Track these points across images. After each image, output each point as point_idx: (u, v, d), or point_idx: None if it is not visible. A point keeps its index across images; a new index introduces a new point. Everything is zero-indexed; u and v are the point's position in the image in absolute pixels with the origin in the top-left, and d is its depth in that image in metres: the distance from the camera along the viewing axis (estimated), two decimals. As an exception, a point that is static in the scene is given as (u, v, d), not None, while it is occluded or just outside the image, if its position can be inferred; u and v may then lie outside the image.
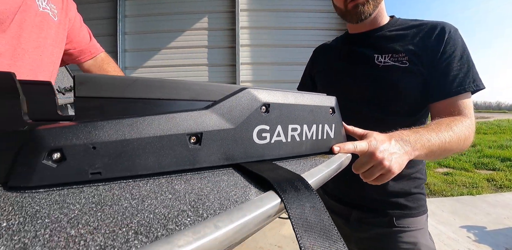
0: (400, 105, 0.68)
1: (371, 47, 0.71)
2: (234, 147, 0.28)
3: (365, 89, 0.71)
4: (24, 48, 0.60)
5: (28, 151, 0.19)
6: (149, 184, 0.22)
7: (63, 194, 0.19)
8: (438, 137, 0.53)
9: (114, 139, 0.21)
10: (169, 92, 0.26)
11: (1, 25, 0.54)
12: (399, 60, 0.66)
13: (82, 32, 0.84)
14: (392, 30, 0.71)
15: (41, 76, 0.65)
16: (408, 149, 0.49)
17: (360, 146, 0.43)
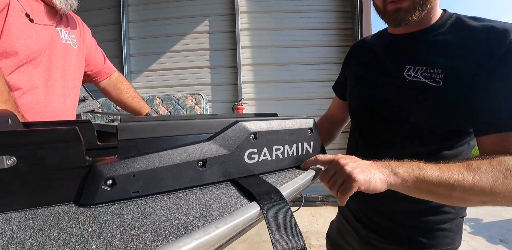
0: (423, 128, 0.56)
1: (406, 55, 0.59)
2: (230, 167, 0.38)
3: (386, 104, 0.61)
4: (54, 79, 0.70)
5: (92, 180, 0.29)
6: (171, 198, 0.32)
7: (116, 207, 0.30)
8: (439, 169, 0.43)
9: (146, 168, 0.31)
10: (182, 130, 0.36)
11: (35, 62, 0.65)
12: (431, 77, 0.53)
13: (97, 55, 0.94)
14: (438, 33, 0.56)
15: (68, 99, 0.75)
16: (385, 170, 0.43)
17: (322, 156, 0.45)
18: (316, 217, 2.35)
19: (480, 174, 0.42)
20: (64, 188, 0.30)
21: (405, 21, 0.55)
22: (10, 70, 0.60)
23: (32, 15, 0.65)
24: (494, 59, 0.47)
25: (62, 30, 0.76)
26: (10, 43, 0.59)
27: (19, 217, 0.27)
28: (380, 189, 0.42)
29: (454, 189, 0.41)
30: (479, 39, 0.49)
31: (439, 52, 0.54)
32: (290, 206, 0.33)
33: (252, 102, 2.53)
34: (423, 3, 0.53)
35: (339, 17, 2.49)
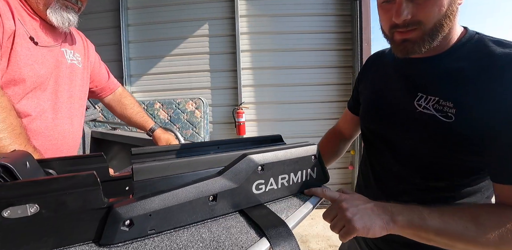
0: (431, 164, 0.53)
1: (418, 82, 0.54)
2: (238, 199, 0.40)
3: (395, 135, 0.58)
4: (61, 101, 0.71)
5: (111, 222, 0.31)
6: (185, 234, 0.34)
7: (135, 247, 0.31)
8: (442, 220, 0.41)
9: (161, 207, 0.33)
10: (193, 167, 0.37)
11: (42, 86, 0.66)
12: (443, 111, 0.48)
13: (101, 71, 0.95)
14: (455, 59, 0.50)
15: (75, 119, 0.76)
16: (385, 217, 0.42)
17: (329, 192, 0.46)
18: (315, 220, 2.38)
19: (485, 229, 0.40)
20: (84, 229, 0.32)
21: (413, 52, 0.50)
22: (19, 97, 0.61)
23: (36, 37, 0.66)
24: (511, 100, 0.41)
25: (67, 50, 0.76)
26: (17, 70, 0.60)
27: (44, 260, 0.29)
28: (378, 235, 0.42)
29: (456, 241, 0.41)
30: (501, 72, 0.43)
31: (454, 83, 0.48)
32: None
33: (252, 106, 2.54)
34: (434, 34, 0.48)
35: (338, 21, 2.50)
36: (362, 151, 0.76)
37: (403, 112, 0.55)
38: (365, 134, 0.71)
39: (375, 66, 0.70)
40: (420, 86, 0.53)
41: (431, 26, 0.47)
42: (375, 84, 0.67)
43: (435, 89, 0.51)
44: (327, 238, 2.14)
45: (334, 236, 2.14)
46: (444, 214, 0.42)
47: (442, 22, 0.47)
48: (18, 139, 0.52)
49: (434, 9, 0.45)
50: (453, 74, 0.49)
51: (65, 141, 0.72)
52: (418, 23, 0.47)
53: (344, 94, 2.55)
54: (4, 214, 0.28)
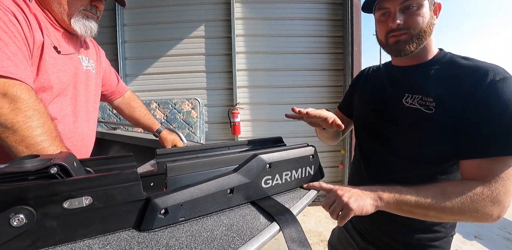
0: (418, 152, 0.64)
1: (405, 85, 0.68)
2: (250, 192, 0.47)
3: (387, 128, 0.70)
4: (80, 105, 0.76)
5: (150, 211, 0.38)
6: (209, 220, 0.41)
7: (170, 231, 0.38)
8: (417, 194, 0.52)
9: (190, 198, 0.40)
10: (213, 165, 0.44)
11: (64, 92, 0.71)
12: (425, 105, 0.61)
13: (111, 76, 1.00)
14: (433, 68, 0.64)
15: (91, 122, 0.81)
16: (372, 195, 0.53)
17: (325, 185, 0.55)
18: (308, 216, 2.48)
19: (450, 198, 0.51)
20: (126, 217, 0.38)
21: (404, 51, 0.64)
22: (47, 103, 0.66)
23: (59, 46, 0.70)
24: (477, 94, 0.54)
25: (83, 57, 0.81)
26: (46, 78, 0.65)
27: (96, 244, 0.35)
28: (370, 212, 0.53)
29: (429, 210, 0.52)
30: (466, 76, 0.57)
31: (433, 84, 0.62)
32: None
33: (247, 107, 2.61)
34: (419, 37, 0.63)
35: (330, 25, 2.59)
36: (353, 150, 0.86)
37: (394, 109, 0.69)
38: (358, 130, 0.82)
39: (369, 78, 0.84)
40: (407, 88, 0.67)
41: (417, 31, 0.63)
42: (368, 90, 0.80)
43: (418, 89, 0.64)
44: (318, 233, 2.24)
45: (325, 232, 2.24)
46: (419, 190, 0.54)
47: (424, 29, 0.63)
48: (55, 141, 0.57)
49: (419, 19, 0.62)
50: (432, 78, 0.63)
51: (83, 142, 0.77)
52: (407, 28, 0.63)
53: (335, 96, 2.65)
54: (65, 205, 0.34)
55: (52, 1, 0.70)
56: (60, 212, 0.33)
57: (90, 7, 0.75)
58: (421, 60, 0.68)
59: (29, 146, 0.55)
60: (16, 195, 0.32)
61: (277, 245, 2.07)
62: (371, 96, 0.77)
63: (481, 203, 0.50)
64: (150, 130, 1.06)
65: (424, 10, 0.62)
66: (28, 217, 0.32)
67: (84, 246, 0.35)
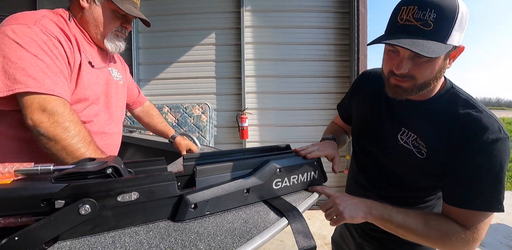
0: (407, 183, 0.69)
1: (405, 119, 0.67)
2: (263, 192, 0.55)
3: (379, 156, 0.73)
4: (110, 111, 0.87)
5: (184, 205, 0.46)
6: (230, 215, 0.50)
7: (198, 222, 0.47)
8: (403, 219, 0.59)
9: (215, 196, 0.49)
10: (233, 169, 0.53)
11: (97, 101, 0.81)
12: (418, 148, 0.63)
13: (134, 87, 1.11)
14: (433, 108, 0.63)
15: (119, 123, 0.92)
16: (365, 209, 0.60)
17: (327, 189, 0.63)
18: (312, 220, 2.54)
19: (430, 230, 0.58)
20: (163, 210, 0.47)
21: (401, 97, 0.62)
22: (81, 110, 0.76)
23: (93, 61, 0.80)
24: (468, 150, 0.55)
25: (113, 70, 0.92)
26: (83, 91, 0.75)
27: (141, 230, 0.44)
28: (359, 222, 0.61)
29: (409, 234, 0.60)
30: (461, 131, 0.57)
31: (429, 128, 0.62)
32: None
33: (255, 112, 2.70)
34: (421, 88, 0.59)
35: (337, 33, 2.67)
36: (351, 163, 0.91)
37: (389, 141, 0.69)
38: (354, 145, 0.86)
39: (368, 86, 0.80)
40: (404, 123, 0.67)
41: (421, 82, 0.58)
42: (367, 110, 0.78)
43: (415, 128, 0.64)
44: (323, 236, 2.30)
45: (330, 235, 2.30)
46: (406, 215, 0.60)
47: (430, 81, 0.59)
48: (90, 146, 0.67)
49: (427, 71, 0.56)
50: (429, 120, 0.63)
51: (113, 140, 0.88)
52: (412, 77, 0.58)
53: (341, 102, 2.71)
54: (118, 198, 0.43)
55: (90, 23, 0.81)
56: (114, 204, 0.42)
57: (121, 28, 0.86)
58: (423, 97, 0.64)
59: (69, 152, 0.65)
60: (84, 189, 0.41)
61: (282, 247, 2.14)
62: (369, 119, 0.76)
63: (454, 243, 0.57)
64: (165, 136, 1.16)
65: (438, 62, 0.56)
66: (92, 207, 0.41)
67: (132, 232, 0.43)
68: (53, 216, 0.39)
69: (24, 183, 0.42)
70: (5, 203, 0.39)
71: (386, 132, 0.70)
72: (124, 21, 0.86)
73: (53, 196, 0.40)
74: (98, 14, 0.81)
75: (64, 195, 0.40)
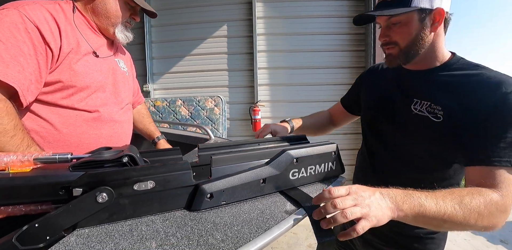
0: (423, 161, 0.67)
1: (415, 90, 0.69)
2: (280, 182, 0.54)
3: (393, 134, 0.72)
4: (119, 99, 0.87)
5: (199, 195, 0.46)
6: (246, 205, 0.49)
7: (215, 212, 0.46)
8: (436, 205, 0.48)
9: (230, 186, 0.48)
10: (249, 158, 0.52)
11: (102, 88, 0.81)
12: (434, 113, 0.62)
13: (135, 84, 1.11)
14: (443, 74, 0.65)
15: (129, 113, 0.93)
16: (392, 206, 0.46)
17: (338, 192, 0.43)
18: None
19: (469, 211, 0.49)
20: (179, 199, 0.46)
21: (393, 64, 0.69)
22: (84, 99, 0.75)
23: (98, 51, 0.81)
24: (486, 108, 0.56)
25: (120, 60, 0.92)
26: (82, 80, 0.74)
27: (157, 219, 0.44)
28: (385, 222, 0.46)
29: (446, 222, 0.49)
30: (477, 88, 0.58)
31: (442, 92, 0.63)
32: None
33: (267, 104, 2.68)
34: (407, 51, 0.65)
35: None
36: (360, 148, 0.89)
37: (402, 114, 0.70)
38: (366, 130, 0.85)
39: (375, 76, 0.86)
40: (416, 93, 0.69)
41: (404, 46, 0.65)
42: (377, 91, 0.81)
43: (427, 96, 0.66)
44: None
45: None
46: (437, 199, 0.49)
47: (414, 44, 0.64)
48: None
49: (404, 34, 0.64)
50: (442, 85, 0.64)
51: (123, 129, 0.88)
52: (395, 43, 0.66)
53: (356, 94, 2.64)
54: (135, 187, 0.43)
55: (101, 14, 0.81)
56: (131, 192, 0.42)
57: (129, 19, 0.87)
58: (430, 65, 0.68)
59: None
60: (101, 177, 0.41)
61: (295, 239, 2.14)
62: (379, 98, 0.78)
63: (496, 214, 0.50)
64: (151, 136, 1.15)
65: (412, 25, 0.62)
66: (109, 195, 0.41)
67: (148, 221, 0.43)
68: (71, 204, 0.39)
69: (43, 171, 0.43)
70: (25, 190, 0.39)
71: (399, 106, 0.71)
72: (133, 12, 0.87)
73: (71, 184, 0.40)
74: (111, 6, 0.81)
75: (82, 183, 0.40)
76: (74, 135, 0.72)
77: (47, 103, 0.70)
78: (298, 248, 2.06)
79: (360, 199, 0.44)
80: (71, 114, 0.73)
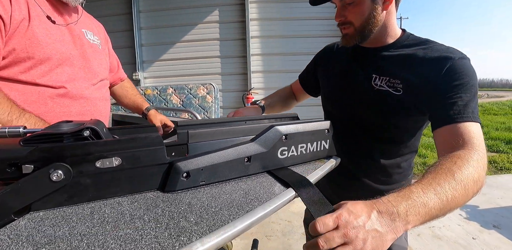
0: (388, 132, 0.71)
1: (373, 66, 0.72)
2: (267, 161, 0.49)
3: (358, 110, 0.74)
4: (89, 75, 0.79)
5: (174, 174, 0.40)
6: (228, 185, 0.43)
7: (192, 192, 0.41)
8: (438, 196, 0.42)
9: (210, 164, 0.42)
10: (232, 134, 0.46)
11: (68, 61, 0.73)
12: (394, 87, 0.66)
13: (113, 60, 1.02)
14: (398, 50, 0.69)
15: (103, 89, 0.85)
16: (395, 224, 0.38)
17: (324, 226, 0.34)
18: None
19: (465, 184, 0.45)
20: (152, 179, 0.41)
21: (350, 44, 0.71)
22: (46, 73, 0.68)
23: (53, 16, 0.71)
24: (439, 74, 0.61)
25: (87, 32, 0.83)
26: (41, 50, 0.66)
27: (125, 201, 0.38)
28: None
29: (451, 207, 0.44)
30: (429, 59, 0.64)
31: (398, 66, 0.67)
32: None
33: (261, 92, 2.61)
34: (362, 30, 0.67)
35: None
36: None
37: (364, 91, 0.72)
38: (330, 112, 0.86)
39: (333, 55, 0.86)
40: (374, 69, 0.72)
41: (359, 25, 0.67)
42: (336, 69, 0.82)
43: (385, 71, 0.69)
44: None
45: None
46: (435, 188, 0.43)
47: (368, 23, 0.66)
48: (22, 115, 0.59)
49: (357, 13, 0.66)
50: (397, 60, 0.69)
51: (96, 107, 0.81)
52: (349, 22, 0.68)
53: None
54: (97, 164, 0.37)
55: None
56: (93, 170, 0.37)
57: None
58: (384, 42, 0.72)
59: None
60: (55, 153, 0.35)
61: (290, 227, 2.13)
62: (340, 75, 0.80)
63: (482, 170, 0.49)
64: (139, 109, 1.07)
65: (364, 4, 0.65)
66: (65, 173, 0.35)
67: (114, 203, 0.38)
68: (20, 182, 0.33)
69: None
70: (-35, 167, 0.33)
71: (360, 82, 0.73)
72: None
73: (20, 159, 0.34)
74: None
75: (33, 158, 0.34)
76: (38, 113, 0.65)
77: (4, 79, 0.62)
78: (293, 235, 2.04)
79: (351, 233, 0.34)
80: (33, 91, 0.66)
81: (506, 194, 2.74)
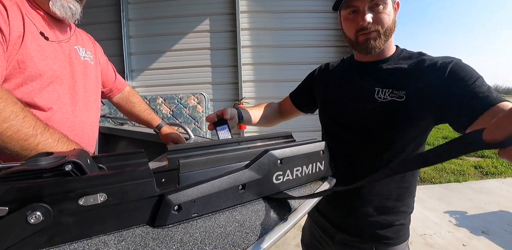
0: (393, 140, 0.70)
1: (374, 79, 0.71)
2: (262, 187, 0.47)
3: (362, 123, 0.72)
4: (78, 95, 0.76)
5: (164, 207, 0.38)
6: (222, 216, 0.41)
7: (183, 227, 0.38)
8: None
9: (202, 195, 0.40)
10: (225, 162, 0.44)
11: (59, 80, 0.70)
12: (397, 95, 0.66)
13: (109, 71, 1.00)
14: (397, 62, 0.70)
15: (92, 112, 0.82)
16: None
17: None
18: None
19: None
20: (140, 213, 0.38)
21: (374, 48, 0.68)
22: (38, 91, 0.65)
23: (46, 33, 0.69)
24: (444, 77, 0.61)
25: (80, 48, 0.81)
26: (33, 66, 0.63)
27: (112, 240, 0.36)
28: None
29: None
30: (428, 67, 0.65)
31: (400, 77, 0.68)
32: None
33: (252, 101, 2.60)
34: (386, 35, 0.68)
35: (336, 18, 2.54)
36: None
37: (369, 105, 0.70)
38: (329, 126, 0.83)
39: (330, 73, 0.86)
40: (377, 82, 0.71)
41: (385, 29, 0.67)
42: (334, 87, 0.82)
43: (388, 83, 0.69)
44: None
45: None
46: None
47: (391, 27, 0.68)
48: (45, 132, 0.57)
49: (386, 17, 0.66)
50: (399, 71, 0.69)
51: (84, 131, 0.77)
52: (376, 26, 0.66)
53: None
54: (80, 202, 0.34)
55: None
56: (75, 208, 0.34)
57: None
58: (383, 56, 0.72)
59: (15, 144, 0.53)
60: (32, 192, 0.32)
61: (283, 239, 2.10)
62: (341, 93, 0.79)
63: None
64: (150, 126, 1.03)
65: (389, 8, 0.66)
66: (45, 214, 0.32)
67: (99, 242, 0.35)
68: (-7, 227, 0.30)
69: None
70: None
71: (364, 97, 0.72)
72: None
73: (-7, 201, 0.31)
74: None
75: (8, 199, 0.31)
76: None
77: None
78: (286, 247, 2.01)
79: None
80: None
81: (492, 199, 2.80)
